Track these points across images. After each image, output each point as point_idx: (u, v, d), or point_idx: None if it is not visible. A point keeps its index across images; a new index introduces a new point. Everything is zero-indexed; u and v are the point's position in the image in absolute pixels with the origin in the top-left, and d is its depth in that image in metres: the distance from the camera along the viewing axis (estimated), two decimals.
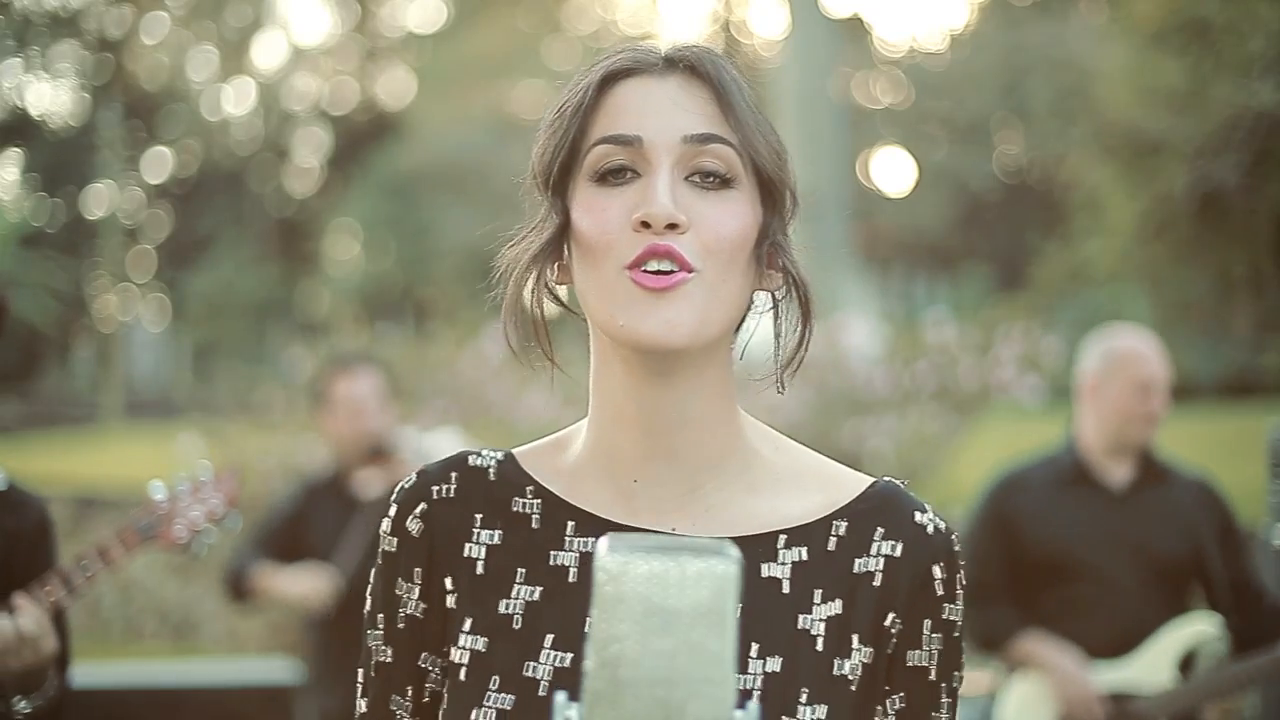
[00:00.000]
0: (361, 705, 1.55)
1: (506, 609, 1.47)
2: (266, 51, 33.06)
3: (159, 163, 32.31)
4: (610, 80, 1.48)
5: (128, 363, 30.39)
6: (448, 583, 1.50)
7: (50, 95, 31.15)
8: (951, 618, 1.48)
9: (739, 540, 1.42)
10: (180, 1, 31.18)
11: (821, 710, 1.41)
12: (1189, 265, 17.15)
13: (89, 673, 4.43)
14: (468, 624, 1.48)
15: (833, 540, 1.47)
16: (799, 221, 1.56)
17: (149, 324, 33.04)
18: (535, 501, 1.51)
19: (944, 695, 1.49)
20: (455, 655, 1.47)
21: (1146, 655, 4.06)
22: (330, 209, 30.52)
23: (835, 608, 1.45)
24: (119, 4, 31.02)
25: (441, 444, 5.32)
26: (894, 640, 1.46)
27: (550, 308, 1.55)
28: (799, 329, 1.50)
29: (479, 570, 1.49)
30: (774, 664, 1.42)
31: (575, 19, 30.51)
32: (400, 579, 1.51)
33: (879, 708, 1.46)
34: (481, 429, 8.04)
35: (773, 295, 1.50)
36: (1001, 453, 5.48)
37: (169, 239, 32.11)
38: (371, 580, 1.55)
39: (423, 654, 1.51)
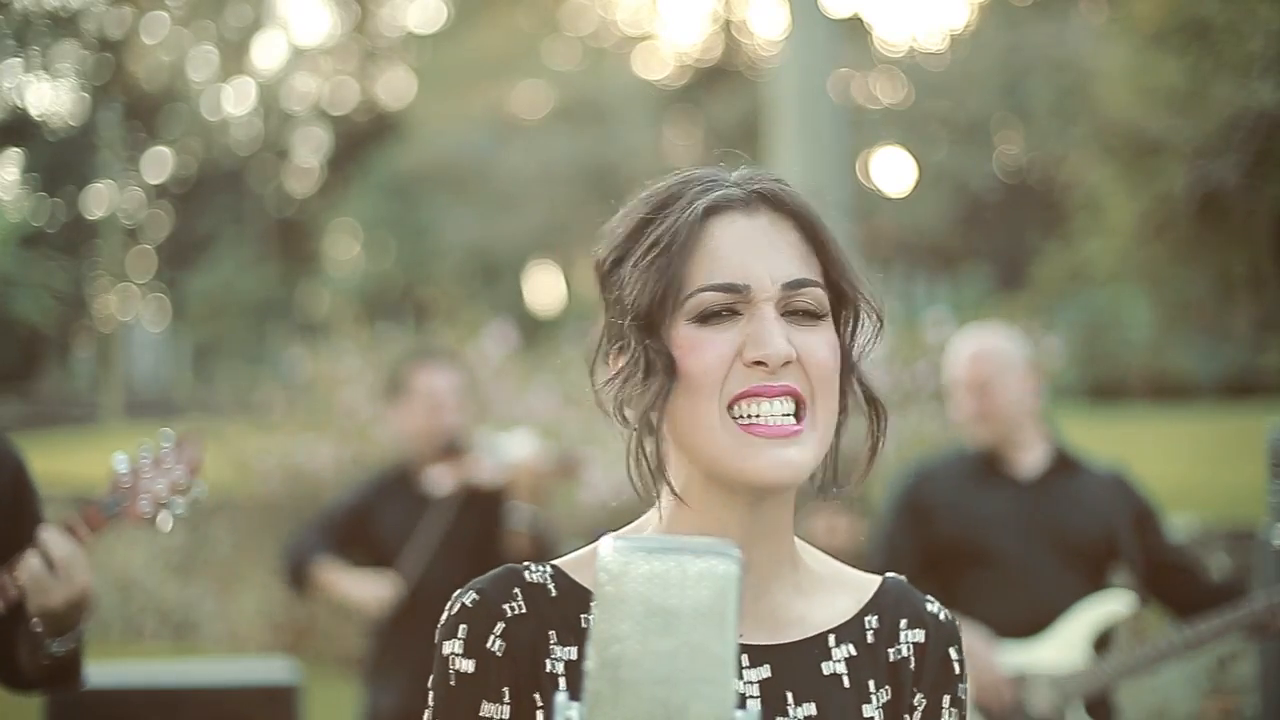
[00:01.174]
0: None
1: None
2: (266, 51, 33.08)
3: (159, 163, 32.31)
4: (705, 216, 1.54)
5: (128, 363, 30.39)
6: (537, 698, 1.51)
7: (50, 95, 31.17)
8: (963, 695, 1.65)
9: (801, 643, 1.58)
10: (180, 1, 31.17)
11: None
12: (1189, 265, 17.13)
13: (89, 673, 4.42)
14: None
15: (870, 634, 1.61)
16: None
17: (149, 324, 33.04)
18: None
19: None
20: None
21: (1058, 635, 4.11)
22: (330, 209, 30.52)
23: (886, 694, 1.60)
24: (119, 4, 31.02)
25: (514, 444, 5.29)
26: (918, 716, 1.62)
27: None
28: (872, 443, 1.64)
29: (561, 687, 1.50)
30: None
31: (575, 19, 30.50)
32: (485, 700, 1.51)
33: None
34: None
35: (843, 410, 1.60)
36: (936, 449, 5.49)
37: (169, 239, 32.11)
38: (442, 703, 1.53)
39: None
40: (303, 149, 33.14)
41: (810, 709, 1.54)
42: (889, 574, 1.67)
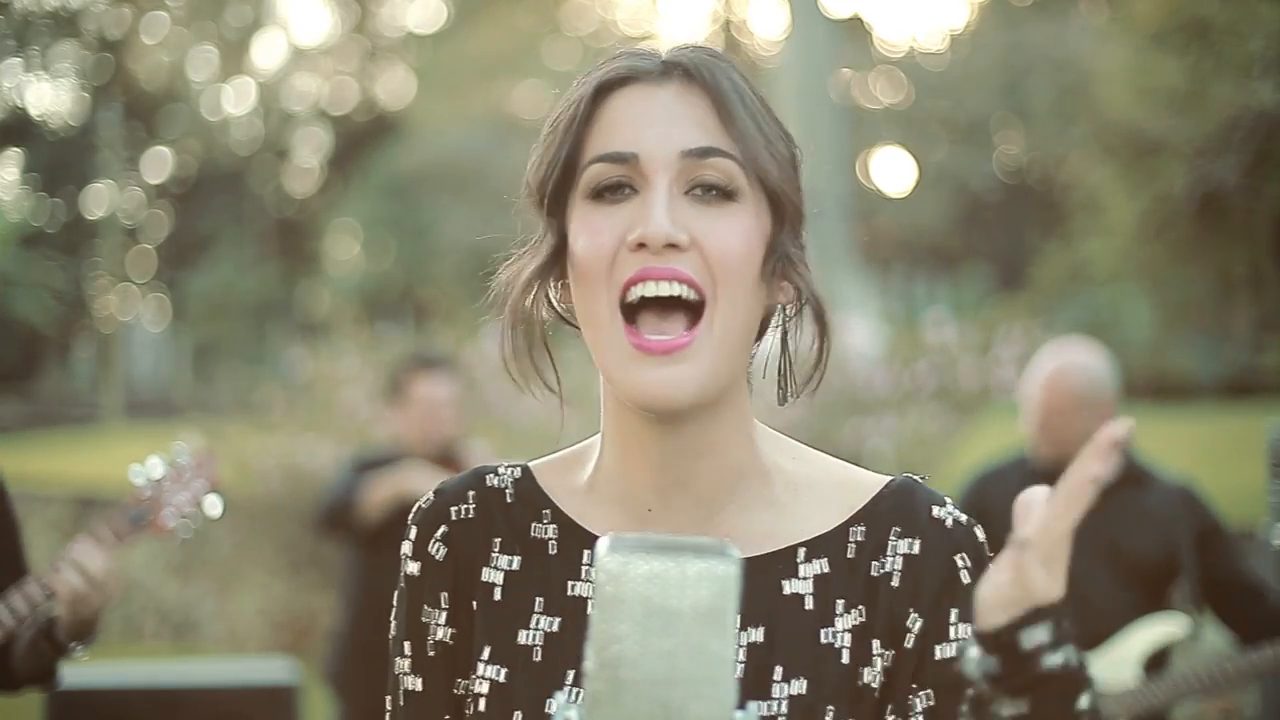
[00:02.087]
0: None
1: (526, 639, 1.42)
2: (266, 51, 33.08)
3: (159, 163, 32.31)
4: (605, 90, 1.41)
5: (128, 363, 30.39)
6: (474, 605, 1.45)
7: (50, 95, 31.17)
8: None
9: (758, 559, 1.40)
10: (180, 1, 31.17)
11: None
12: (1189, 265, 17.14)
13: (89, 673, 4.43)
14: (486, 652, 1.43)
15: (851, 547, 1.42)
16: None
17: (149, 324, 33.04)
18: (552, 526, 1.45)
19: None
20: (475, 685, 1.43)
21: (1111, 653, 4.05)
22: (330, 209, 30.52)
23: (858, 616, 1.40)
24: (119, 4, 31.01)
25: None
26: (917, 638, 1.40)
27: (548, 317, 1.50)
28: (816, 345, 1.45)
29: (497, 596, 1.44)
30: (799, 686, 1.37)
31: (575, 19, 30.50)
32: (425, 605, 1.46)
33: (906, 703, 1.39)
34: (482, 429, 8.04)
35: (782, 309, 1.45)
36: (1001, 453, 5.49)
37: (169, 239, 32.11)
38: (396, 606, 1.49)
39: (457, 680, 1.45)
40: (303, 149, 33.14)
41: (757, 634, 1.39)
42: (905, 474, 1.48)
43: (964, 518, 1.44)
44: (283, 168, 32.97)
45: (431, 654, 1.46)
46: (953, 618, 1.40)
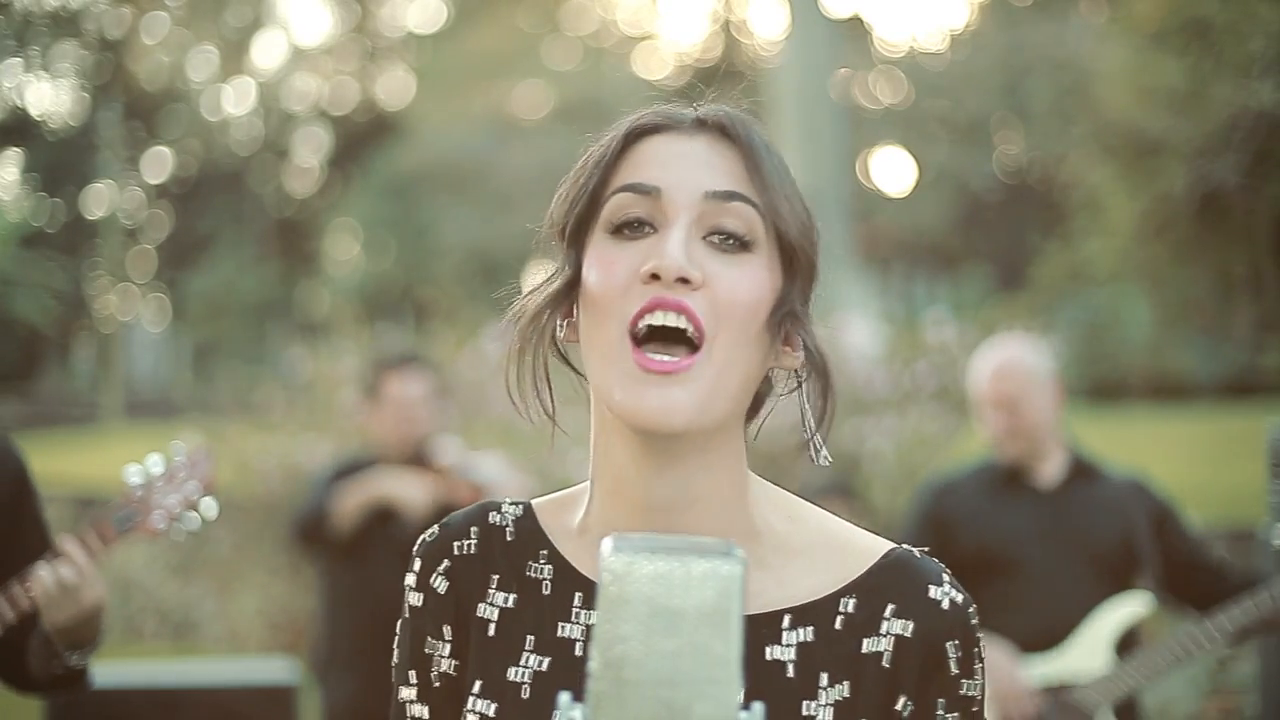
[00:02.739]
0: None
1: (516, 677, 1.44)
2: (266, 51, 33.08)
3: (159, 163, 32.32)
4: (637, 134, 1.45)
5: (128, 363, 30.39)
6: (473, 639, 1.48)
7: (50, 95, 31.17)
8: (970, 693, 1.42)
9: (746, 620, 1.37)
10: (180, 1, 31.17)
11: None
12: (1189, 265, 17.14)
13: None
14: (477, 686, 1.45)
15: (840, 618, 1.41)
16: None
17: (149, 324, 33.05)
18: (548, 567, 1.47)
19: None
20: (465, 718, 1.44)
21: (1080, 643, 4.10)
22: (330, 209, 30.53)
23: (842, 691, 1.39)
24: (119, 4, 31.02)
25: (485, 468, 5.23)
26: None
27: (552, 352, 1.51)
28: (820, 404, 1.45)
29: (490, 632, 1.46)
30: None
31: (575, 19, 30.50)
32: (429, 636, 1.49)
33: None
34: (481, 429, 8.05)
35: (796, 374, 1.45)
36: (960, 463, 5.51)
37: (169, 239, 32.11)
38: (400, 634, 1.52)
39: (464, 710, 1.47)
40: (303, 149, 33.14)
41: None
42: (901, 546, 1.46)
43: (960, 597, 1.43)
44: (283, 168, 32.97)
45: (436, 684, 1.48)
46: (940, 707, 1.41)
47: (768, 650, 1.40)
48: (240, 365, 20.37)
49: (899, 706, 1.39)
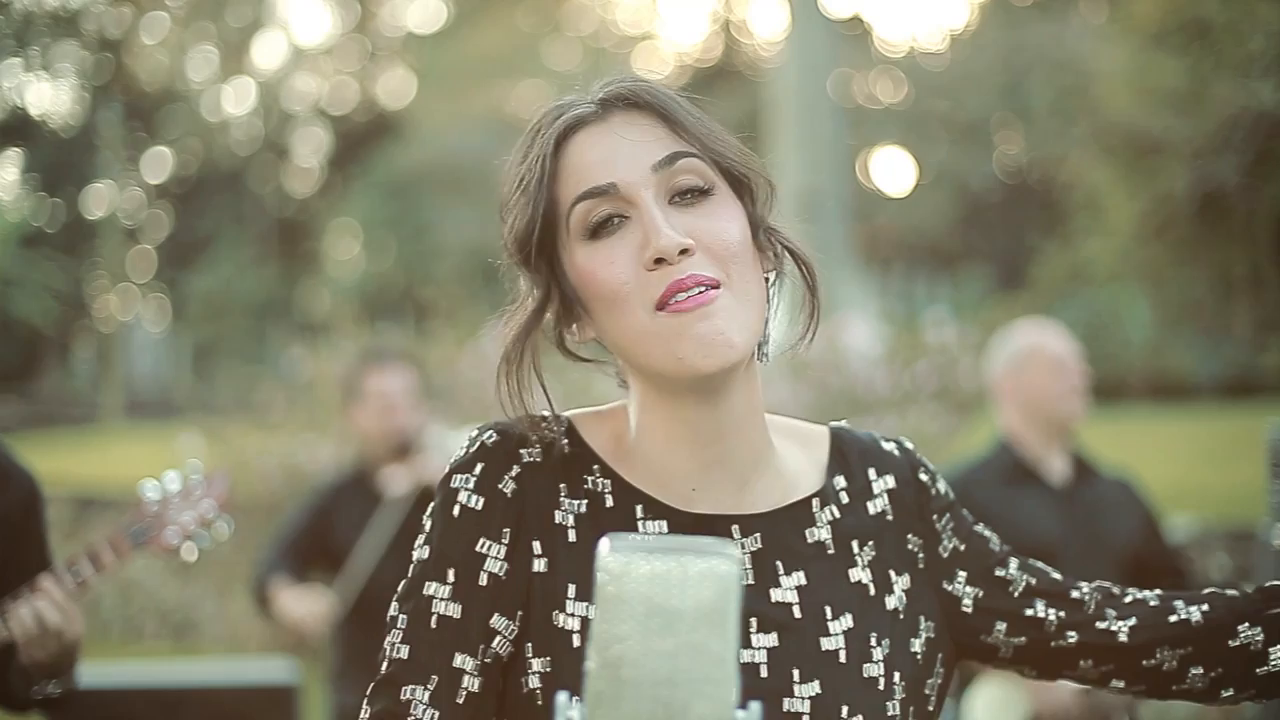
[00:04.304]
0: (401, 650, 1.50)
1: None
2: (266, 51, 33.08)
3: (159, 163, 32.32)
4: (559, 143, 1.53)
5: (128, 363, 30.39)
6: (536, 546, 1.50)
7: (50, 95, 31.17)
8: (947, 498, 1.64)
9: (784, 512, 1.56)
10: (180, 1, 31.18)
11: (886, 646, 1.54)
12: (1189, 265, 17.15)
13: (89, 673, 4.42)
14: (571, 590, 1.49)
15: (843, 494, 1.59)
16: (800, 221, 1.59)
17: (149, 324, 33.04)
18: (605, 481, 1.54)
19: (989, 540, 1.65)
20: (562, 621, 1.48)
21: None
22: (330, 209, 30.52)
23: (870, 552, 1.58)
24: (119, 4, 31.02)
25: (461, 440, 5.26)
26: (922, 554, 1.60)
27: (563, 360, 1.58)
28: (807, 302, 1.57)
29: (571, 538, 1.51)
30: (847, 621, 1.53)
31: (575, 19, 30.50)
32: (484, 537, 1.50)
33: (947, 590, 1.60)
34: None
35: (766, 278, 1.54)
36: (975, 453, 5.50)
37: (169, 239, 32.11)
38: (435, 532, 1.52)
39: (495, 614, 1.49)
40: (303, 149, 33.15)
41: (800, 578, 1.53)
42: (830, 424, 1.64)
43: (894, 440, 1.65)
44: (283, 168, 32.98)
45: (482, 584, 1.50)
46: (934, 521, 1.62)
47: (808, 534, 1.56)
48: (240, 365, 20.37)
49: (910, 546, 1.60)
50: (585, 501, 1.52)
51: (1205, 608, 1.62)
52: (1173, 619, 1.61)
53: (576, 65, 29.12)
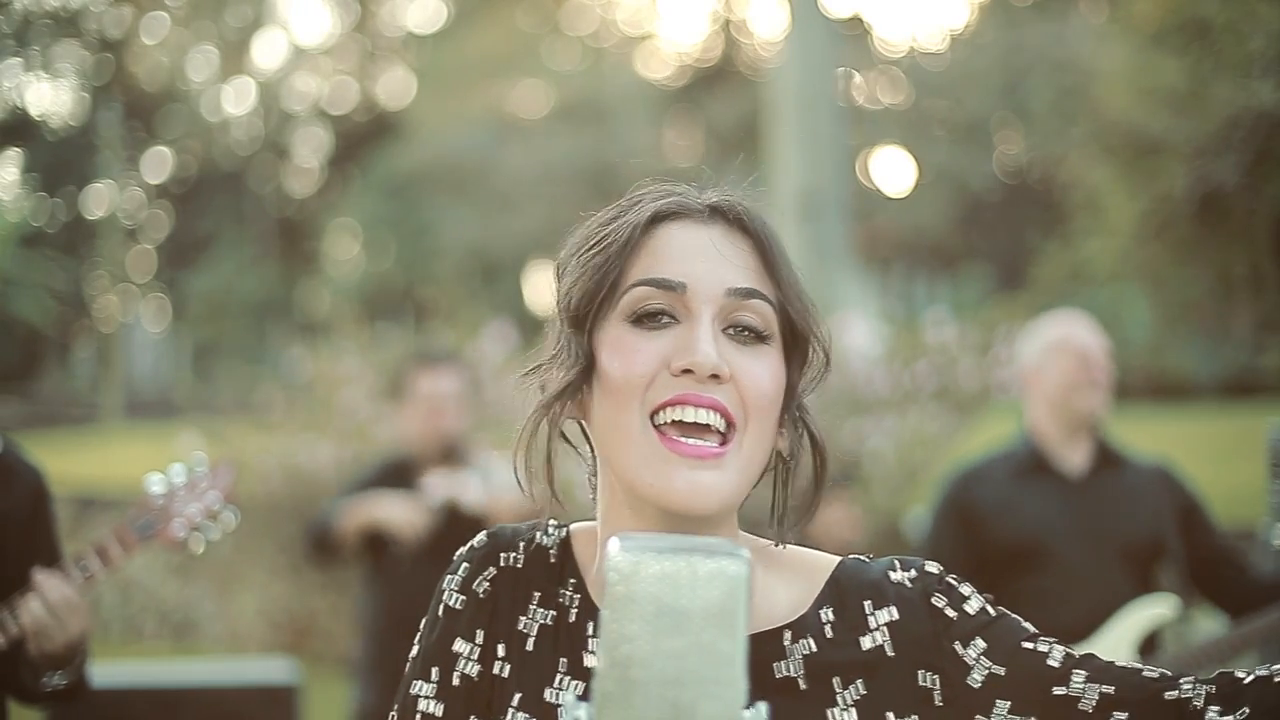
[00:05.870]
0: None
1: (551, 698, 1.48)
2: (266, 51, 33.08)
3: (159, 163, 32.32)
4: (654, 221, 1.48)
5: (128, 363, 30.39)
6: (500, 649, 1.51)
7: (50, 95, 31.17)
8: (972, 610, 1.49)
9: (751, 639, 1.43)
10: (180, 1, 31.17)
11: None
12: (1189, 265, 17.15)
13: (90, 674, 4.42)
14: (517, 699, 1.49)
15: (827, 628, 1.48)
16: (800, 221, 1.57)
17: (149, 324, 33.04)
18: (576, 595, 1.52)
19: (1023, 641, 1.49)
20: None
21: (1105, 640, 4.06)
22: (330, 209, 30.52)
23: (857, 691, 1.45)
24: (119, 4, 31.01)
25: (503, 474, 5.26)
26: (941, 686, 1.46)
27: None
28: (813, 483, 1.51)
29: (529, 646, 1.50)
30: None
31: (575, 19, 30.50)
32: (460, 637, 1.52)
33: (992, 708, 1.45)
34: (481, 429, 8.04)
35: (780, 455, 1.51)
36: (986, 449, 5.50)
37: (169, 239, 32.12)
38: (425, 630, 1.54)
39: (471, 716, 1.50)
40: (303, 149, 33.14)
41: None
42: (848, 555, 1.55)
43: (914, 570, 1.51)
44: (283, 168, 32.98)
45: (456, 684, 1.51)
46: (958, 648, 1.47)
47: (776, 668, 1.46)
48: (240, 365, 20.37)
49: (924, 682, 1.46)
50: (554, 613, 1.51)
51: None
52: None
53: (576, 65, 29.12)
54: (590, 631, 1.49)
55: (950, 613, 1.48)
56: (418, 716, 1.51)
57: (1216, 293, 18.51)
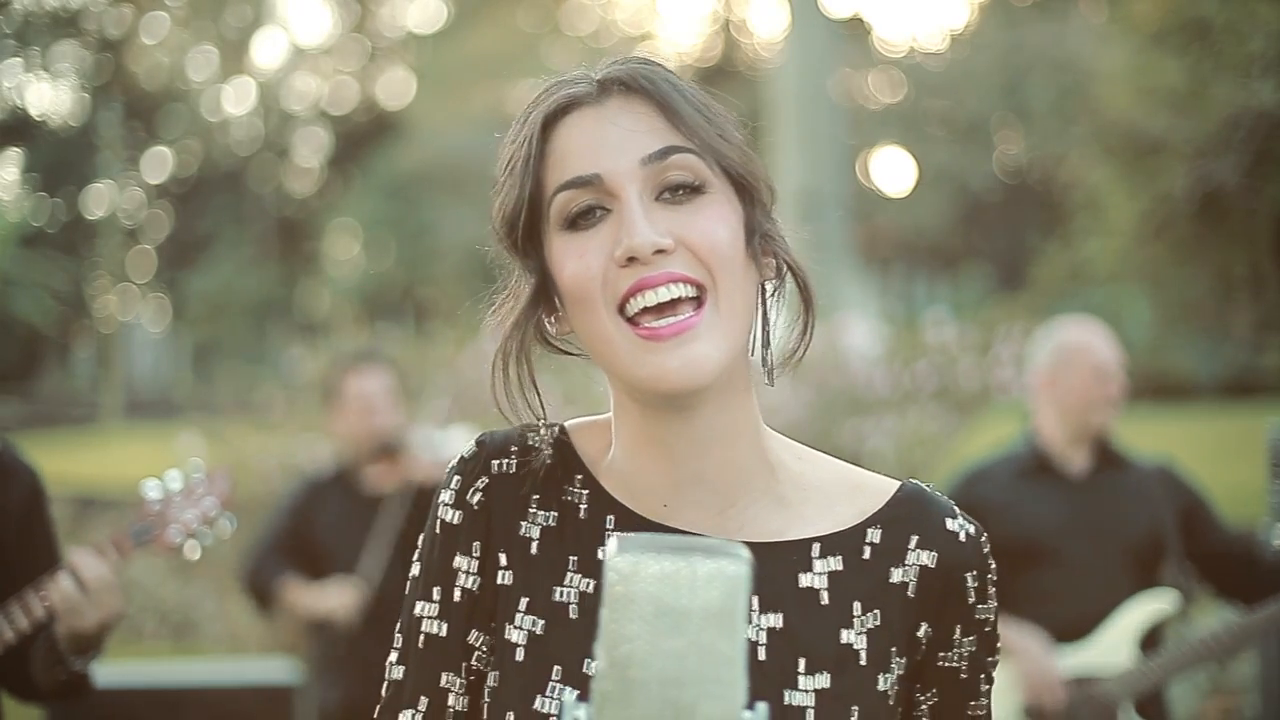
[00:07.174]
0: (397, 672, 1.50)
1: (561, 596, 1.45)
2: (266, 51, 33.15)
3: (159, 163, 32.32)
4: (550, 122, 1.43)
5: (128, 363, 30.39)
6: (501, 558, 1.47)
7: (50, 95, 31.17)
8: (983, 616, 1.48)
9: (772, 547, 1.43)
10: (180, 1, 31.17)
11: None
12: (1189, 265, 17.15)
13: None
14: (523, 604, 1.46)
15: (867, 549, 1.45)
16: (800, 221, 1.56)
17: (149, 324, 33.04)
18: (583, 491, 1.49)
19: (981, 684, 1.50)
20: (510, 634, 1.45)
21: (1106, 636, 4.10)
22: (330, 209, 30.53)
23: (874, 619, 1.44)
24: (119, 4, 31.01)
25: (451, 441, 5.33)
26: (924, 647, 1.46)
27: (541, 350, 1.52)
28: (801, 317, 1.47)
29: (533, 550, 1.47)
30: (823, 680, 1.41)
31: (575, 19, 30.50)
32: (459, 553, 1.48)
33: (914, 700, 1.47)
34: (481, 429, 8.04)
35: (762, 287, 1.46)
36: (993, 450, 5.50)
37: (169, 239, 32.12)
38: (424, 549, 1.51)
39: (473, 631, 1.47)
40: (303, 149, 33.14)
41: (776, 620, 1.42)
42: (910, 480, 1.51)
43: (973, 529, 1.49)
44: (283, 168, 32.98)
45: (457, 600, 1.48)
46: (957, 632, 1.47)
47: (800, 578, 1.44)
48: (240, 365, 20.36)
49: (920, 634, 1.45)
50: (556, 514, 1.47)
51: None
52: None
53: (576, 65, 29.12)
54: (610, 525, 1.46)
55: (971, 596, 1.47)
56: (421, 638, 1.49)
57: (1216, 293, 18.51)
